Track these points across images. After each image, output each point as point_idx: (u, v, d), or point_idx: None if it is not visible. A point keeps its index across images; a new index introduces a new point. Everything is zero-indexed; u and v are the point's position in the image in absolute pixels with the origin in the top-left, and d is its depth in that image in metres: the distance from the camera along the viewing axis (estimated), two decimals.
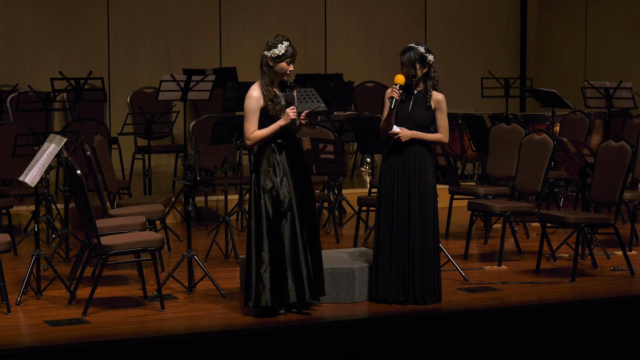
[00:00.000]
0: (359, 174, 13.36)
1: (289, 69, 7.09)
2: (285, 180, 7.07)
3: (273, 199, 7.05)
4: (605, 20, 14.92)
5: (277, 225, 7.04)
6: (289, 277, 7.02)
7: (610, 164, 8.54)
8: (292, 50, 7.08)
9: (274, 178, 7.07)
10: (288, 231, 7.05)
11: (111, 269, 8.43)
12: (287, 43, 7.08)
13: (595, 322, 7.62)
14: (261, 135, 7.09)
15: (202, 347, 6.70)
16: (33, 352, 6.39)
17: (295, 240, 7.05)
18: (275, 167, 7.09)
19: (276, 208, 7.05)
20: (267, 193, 7.06)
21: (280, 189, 7.06)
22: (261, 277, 7.01)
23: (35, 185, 7.55)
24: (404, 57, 7.34)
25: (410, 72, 7.33)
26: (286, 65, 7.07)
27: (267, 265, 7.01)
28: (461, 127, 11.84)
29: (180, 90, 11.12)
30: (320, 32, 14.81)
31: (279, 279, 7.02)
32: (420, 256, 7.33)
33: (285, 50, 7.06)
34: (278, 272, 7.02)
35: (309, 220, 7.13)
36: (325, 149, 8.92)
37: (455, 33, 15.45)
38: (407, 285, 7.33)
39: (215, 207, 11.04)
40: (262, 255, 7.02)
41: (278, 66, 7.08)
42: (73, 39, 13.37)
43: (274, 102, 7.08)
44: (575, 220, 8.29)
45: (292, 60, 7.09)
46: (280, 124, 7.04)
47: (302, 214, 7.08)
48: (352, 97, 13.42)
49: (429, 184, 7.37)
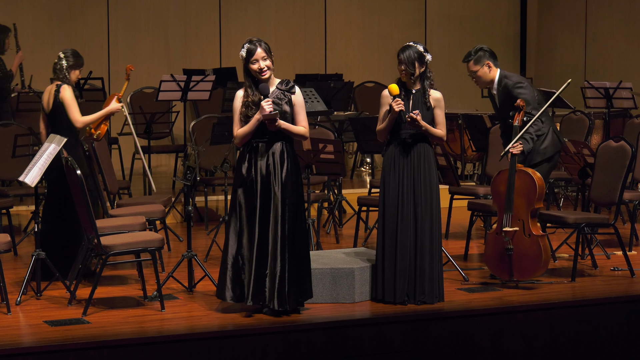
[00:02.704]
0: (359, 174, 13.37)
1: (259, 66, 7.01)
2: (255, 185, 7.06)
3: (241, 201, 7.08)
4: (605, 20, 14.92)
5: (241, 225, 7.08)
6: (246, 280, 7.05)
7: (610, 164, 8.54)
8: (253, 47, 7.02)
9: (245, 178, 7.08)
10: (256, 235, 7.02)
11: (111, 269, 8.43)
12: (247, 44, 7.05)
13: (595, 322, 7.62)
14: (242, 133, 7.08)
15: (202, 347, 6.70)
16: (33, 352, 6.38)
17: (264, 246, 7.01)
18: (250, 168, 7.09)
19: (244, 210, 7.07)
20: (237, 195, 7.10)
21: (248, 189, 7.06)
22: (225, 274, 7.10)
23: (35, 185, 7.55)
24: (404, 54, 7.35)
25: (409, 69, 7.34)
26: (253, 66, 7.03)
27: (230, 265, 7.09)
28: (461, 127, 11.84)
29: (180, 90, 11.12)
30: (320, 32, 14.81)
31: (239, 279, 7.08)
32: (428, 255, 7.34)
33: (246, 50, 7.04)
34: (240, 273, 7.08)
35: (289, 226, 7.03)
36: (325, 149, 8.92)
37: (455, 33, 15.46)
38: (416, 285, 7.33)
39: (215, 207, 11.04)
40: (228, 255, 7.11)
41: (249, 67, 7.07)
42: (73, 39, 13.37)
43: (246, 108, 7.07)
44: (575, 220, 8.29)
45: (258, 58, 7.01)
46: (256, 118, 7.02)
47: (274, 219, 7.01)
48: (352, 97, 13.43)
49: (434, 183, 7.41)
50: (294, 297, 7.06)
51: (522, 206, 7.84)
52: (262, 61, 7.02)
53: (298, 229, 7.08)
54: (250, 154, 7.11)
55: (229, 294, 7.10)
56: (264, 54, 7.03)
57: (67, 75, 8.32)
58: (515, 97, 8.07)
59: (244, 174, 7.09)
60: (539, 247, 7.75)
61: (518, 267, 7.85)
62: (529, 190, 7.80)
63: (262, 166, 7.06)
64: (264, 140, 7.09)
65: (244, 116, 7.08)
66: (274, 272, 6.99)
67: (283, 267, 7.00)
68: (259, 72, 7.03)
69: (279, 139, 7.09)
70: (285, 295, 7.02)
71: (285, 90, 7.12)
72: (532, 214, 7.82)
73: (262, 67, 7.02)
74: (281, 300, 7.01)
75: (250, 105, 7.07)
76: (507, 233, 7.83)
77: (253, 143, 7.10)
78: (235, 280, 7.09)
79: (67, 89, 8.28)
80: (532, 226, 7.80)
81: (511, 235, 7.82)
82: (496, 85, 8.33)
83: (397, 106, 7.29)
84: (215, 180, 10.58)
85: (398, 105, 7.29)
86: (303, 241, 7.14)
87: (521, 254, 7.82)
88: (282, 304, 7.02)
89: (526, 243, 7.81)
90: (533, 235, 7.78)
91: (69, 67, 8.34)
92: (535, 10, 15.95)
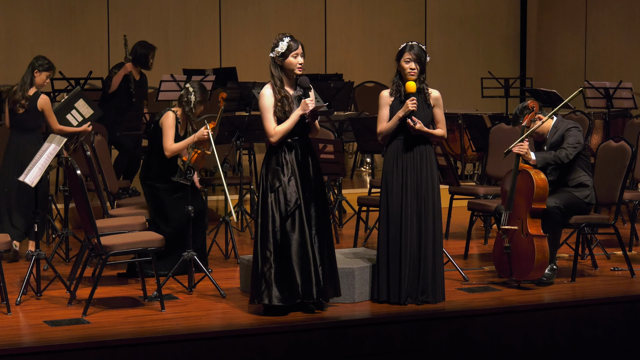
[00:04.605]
0: (359, 174, 13.37)
1: (299, 62, 7.06)
2: (293, 180, 7.06)
3: (279, 198, 7.05)
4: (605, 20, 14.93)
5: (283, 224, 7.04)
6: (296, 276, 7.00)
7: (610, 164, 8.54)
8: (295, 44, 7.06)
9: (282, 177, 7.06)
10: (296, 231, 7.03)
11: (111, 269, 8.43)
12: (288, 39, 7.07)
13: (595, 322, 7.62)
14: (283, 130, 7.05)
15: (202, 347, 6.70)
16: (33, 352, 6.38)
17: (304, 240, 7.03)
18: (283, 166, 7.08)
19: (283, 207, 7.05)
20: (274, 192, 7.06)
21: (287, 188, 7.05)
22: (264, 275, 7.00)
23: (35, 185, 7.56)
24: (415, 52, 7.32)
25: (417, 66, 7.33)
26: (293, 60, 7.05)
27: (271, 264, 7.00)
28: (461, 127, 11.84)
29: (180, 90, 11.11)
30: (320, 32, 14.82)
31: (283, 278, 7.01)
32: (432, 256, 7.34)
33: (288, 45, 7.05)
34: (284, 271, 7.01)
35: (320, 221, 7.11)
36: (325, 149, 8.92)
37: (455, 33, 15.46)
38: (419, 286, 7.33)
39: (215, 207, 11.04)
40: (267, 254, 7.02)
41: (286, 63, 7.06)
42: (73, 39, 13.38)
43: (282, 104, 7.06)
44: (576, 220, 8.28)
45: (299, 53, 7.05)
46: (298, 114, 7.02)
47: (311, 214, 7.07)
48: (352, 97, 13.43)
49: (435, 183, 7.42)
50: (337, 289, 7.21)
51: (522, 205, 7.85)
52: (302, 57, 7.08)
53: (329, 223, 7.26)
54: (285, 152, 7.09)
55: (276, 296, 7.00)
56: (302, 50, 7.08)
57: (193, 110, 8.34)
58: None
59: (282, 172, 7.07)
60: (534, 248, 7.74)
61: (516, 267, 7.85)
62: (528, 190, 7.81)
63: (299, 162, 7.08)
64: (297, 137, 7.12)
65: (280, 112, 7.06)
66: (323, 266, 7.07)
67: (330, 261, 7.11)
68: (298, 67, 7.06)
69: (306, 135, 7.16)
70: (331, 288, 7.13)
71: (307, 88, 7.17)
72: (532, 214, 7.82)
73: (301, 62, 7.07)
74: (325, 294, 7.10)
75: (285, 100, 7.07)
76: (505, 231, 7.85)
77: (288, 140, 7.10)
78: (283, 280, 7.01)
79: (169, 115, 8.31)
80: (530, 226, 7.80)
81: (508, 234, 7.83)
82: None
83: (412, 105, 7.27)
84: (215, 180, 10.58)
85: (413, 104, 7.27)
86: (331, 237, 7.26)
87: (518, 254, 7.83)
88: (325, 297, 7.11)
89: (523, 242, 7.81)
90: (530, 235, 7.78)
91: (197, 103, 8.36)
92: (535, 10, 15.95)
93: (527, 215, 7.81)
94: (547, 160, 8.02)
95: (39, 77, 9.05)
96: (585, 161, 8.16)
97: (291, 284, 7.01)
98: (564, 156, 8.00)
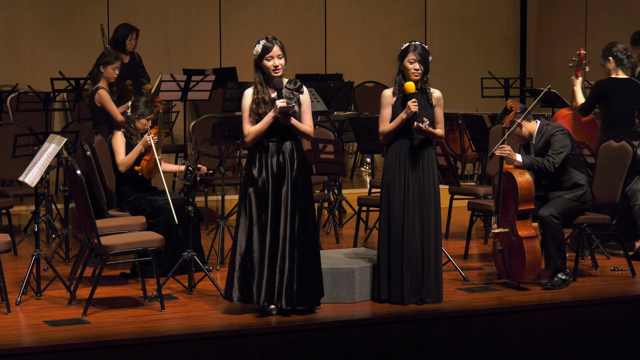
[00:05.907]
0: (359, 174, 13.37)
1: (273, 65, 7.02)
2: (265, 182, 7.05)
3: (250, 199, 7.06)
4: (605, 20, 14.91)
5: (251, 225, 7.05)
6: (254, 279, 7.01)
7: (611, 164, 8.53)
8: (270, 45, 7.03)
9: (253, 178, 7.06)
10: (259, 233, 7.02)
11: (111, 269, 8.43)
12: (263, 41, 7.05)
13: (595, 322, 7.62)
14: (256, 130, 7.06)
15: (201, 347, 6.70)
16: (33, 352, 6.38)
17: (263, 243, 7.01)
18: (262, 167, 7.07)
19: (249, 209, 7.06)
20: (245, 193, 7.07)
21: (257, 190, 7.04)
22: (230, 273, 7.07)
23: (35, 185, 7.55)
24: (419, 52, 7.31)
25: (421, 67, 7.32)
26: (268, 62, 7.03)
27: (234, 264, 7.06)
28: (461, 127, 11.84)
29: (180, 90, 11.12)
30: (320, 32, 14.81)
31: (243, 279, 7.05)
32: (434, 256, 7.35)
33: (263, 47, 7.03)
34: (244, 273, 7.04)
35: (295, 225, 7.03)
36: (325, 149, 8.92)
37: (455, 33, 15.45)
38: (421, 286, 7.33)
39: (215, 207, 11.04)
40: (235, 253, 7.08)
41: (263, 64, 7.06)
42: (73, 39, 13.37)
43: (257, 105, 7.05)
44: (576, 220, 8.28)
45: (274, 55, 7.02)
46: (271, 115, 7.01)
47: (280, 217, 7.00)
48: (352, 97, 13.42)
49: (437, 184, 7.43)
50: (306, 296, 7.06)
51: (509, 208, 7.84)
52: (277, 59, 7.03)
53: (309, 228, 7.08)
54: (260, 153, 7.08)
55: (235, 295, 7.06)
56: (279, 52, 7.05)
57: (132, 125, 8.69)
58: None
59: (254, 173, 7.06)
60: (524, 250, 7.73)
61: (511, 269, 7.86)
62: (514, 193, 7.79)
63: (273, 165, 7.04)
64: (275, 140, 7.08)
65: (254, 113, 7.06)
66: (282, 271, 6.99)
67: (292, 266, 7.00)
68: (274, 69, 7.04)
69: (288, 138, 7.09)
70: (294, 295, 7.01)
71: (294, 89, 7.12)
72: (520, 216, 7.80)
73: (277, 65, 7.03)
74: (289, 300, 7.00)
75: (261, 102, 7.06)
76: (496, 235, 7.85)
77: (264, 142, 7.09)
78: (243, 281, 7.06)
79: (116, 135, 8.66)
80: (519, 228, 7.79)
81: (500, 237, 7.83)
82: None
83: (414, 106, 7.26)
84: (215, 180, 10.57)
85: (415, 106, 7.26)
86: (314, 240, 7.14)
87: (511, 256, 7.84)
88: (290, 303, 7.01)
89: (514, 245, 7.81)
90: (519, 237, 7.77)
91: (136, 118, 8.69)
92: (535, 10, 15.94)
93: (514, 217, 7.80)
94: (533, 164, 7.97)
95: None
96: (577, 160, 8.13)
97: (250, 286, 7.03)
98: (549, 165, 7.95)
